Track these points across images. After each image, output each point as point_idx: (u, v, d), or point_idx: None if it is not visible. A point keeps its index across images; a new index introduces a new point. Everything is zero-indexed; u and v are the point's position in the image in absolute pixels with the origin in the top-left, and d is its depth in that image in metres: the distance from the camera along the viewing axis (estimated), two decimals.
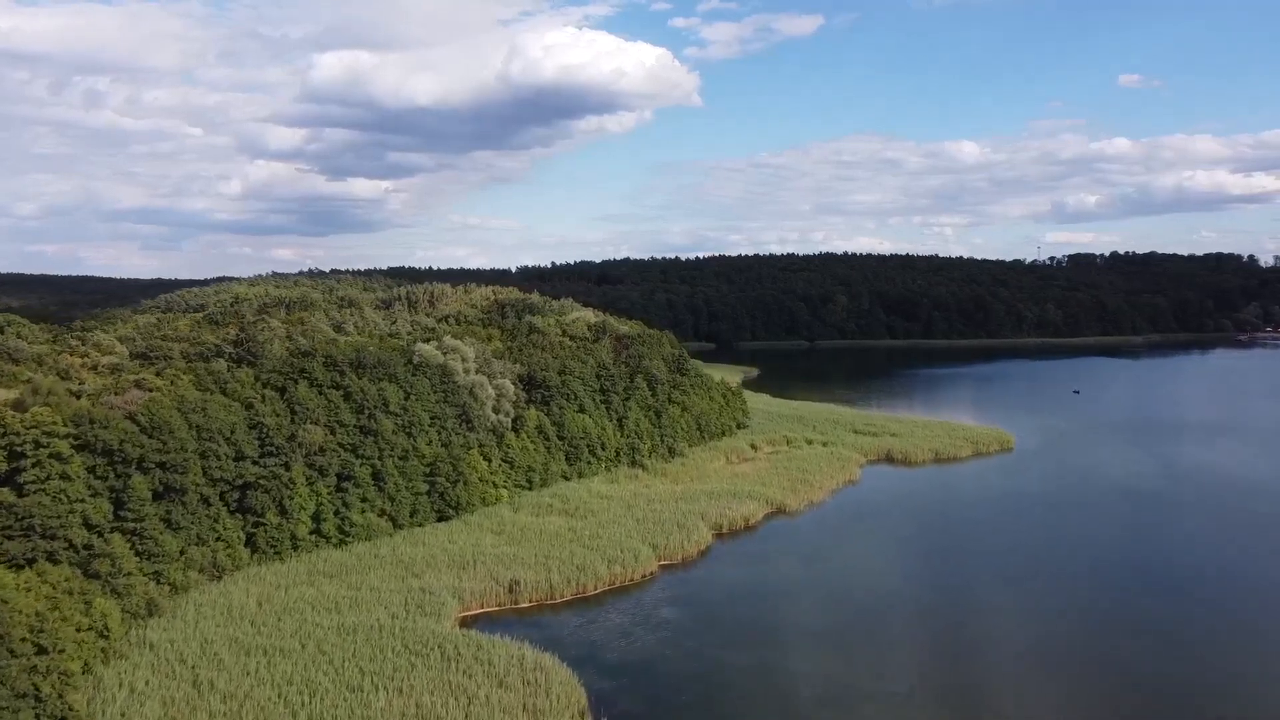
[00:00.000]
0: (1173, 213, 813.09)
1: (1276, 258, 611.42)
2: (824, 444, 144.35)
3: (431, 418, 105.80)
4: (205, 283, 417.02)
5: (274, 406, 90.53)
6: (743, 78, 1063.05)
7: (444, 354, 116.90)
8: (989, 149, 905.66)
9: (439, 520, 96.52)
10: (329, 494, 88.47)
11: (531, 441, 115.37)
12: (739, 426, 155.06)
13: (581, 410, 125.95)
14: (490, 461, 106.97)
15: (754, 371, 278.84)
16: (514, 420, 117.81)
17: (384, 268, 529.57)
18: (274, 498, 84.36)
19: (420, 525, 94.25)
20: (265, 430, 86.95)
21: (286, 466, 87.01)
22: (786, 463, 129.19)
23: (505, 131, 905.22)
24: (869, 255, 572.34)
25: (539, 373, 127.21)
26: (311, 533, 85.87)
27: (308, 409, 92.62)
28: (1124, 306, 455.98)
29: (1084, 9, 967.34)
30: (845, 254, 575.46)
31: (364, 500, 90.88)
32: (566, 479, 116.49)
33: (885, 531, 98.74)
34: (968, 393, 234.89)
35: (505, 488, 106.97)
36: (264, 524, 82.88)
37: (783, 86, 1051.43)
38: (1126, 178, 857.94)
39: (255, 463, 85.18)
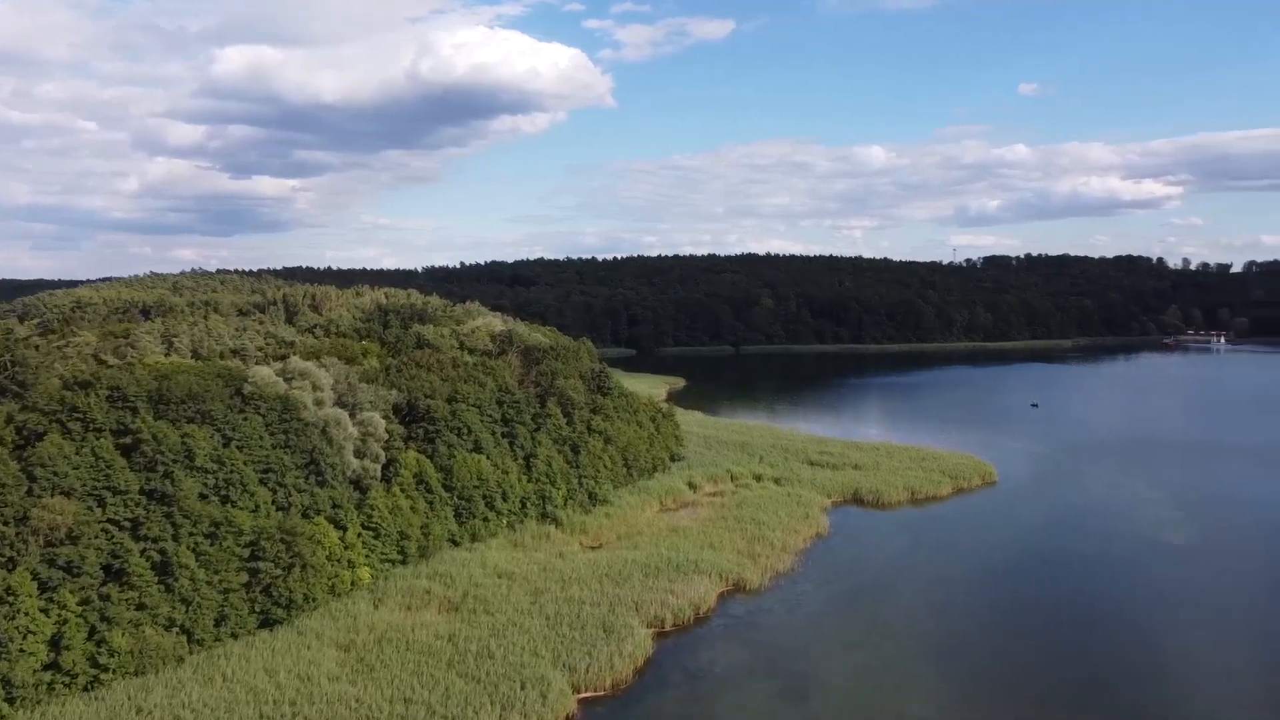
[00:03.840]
0: (1069, 217, 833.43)
1: (1185, 260, 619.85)
2: (776, 481, 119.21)
3: (263, 472, 76.73)
4: (76, 284, 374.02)
5: None
6: (656, 80, 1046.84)
7: (288, 381, 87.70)
8: (895, 154, 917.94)
9: (262, 626, 67.59)
10: (79, 605, 58.79)
11: (408, 496, 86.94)
12: (673, 459, 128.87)
13: (477, 449, 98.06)
14: (346, 530, 78.16)
15: (680, 382, 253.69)
16: (385, 467, 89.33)
17: (278, 268, 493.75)
18: None
19: (233, 637, 65.18)
20: None
21: (10, 565, 57.29)
22: (736, 510, 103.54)
23: (416, 131, 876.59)
24: (793, 256, 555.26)
25: (422, 400, 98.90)
26: (45, 669, 56.15)
27: (56, 472, 62.80)
28: (1052, 310, 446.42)
29: (987, 19, 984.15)
30: (769, 254, 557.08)
31: (139, 608, 61.41)
32: (455, 544, 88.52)
33: (884, 622, 73.29)
34: (916, 406, 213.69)
35: (367, 566, 78.39)
36: None
37: (695, 89, 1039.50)
38: (1026, 183, 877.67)
39: None
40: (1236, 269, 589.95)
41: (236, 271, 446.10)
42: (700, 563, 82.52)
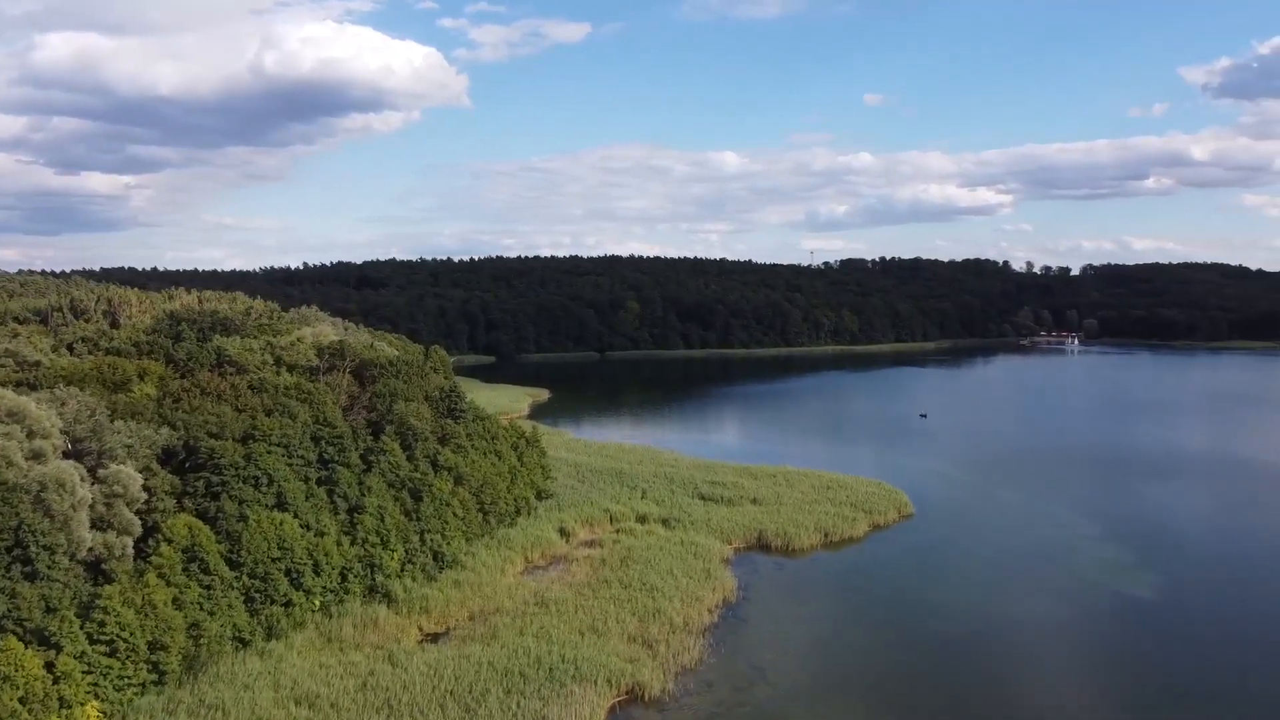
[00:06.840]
0: (911, 222, 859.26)
1: (1029, 264, 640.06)
2: (664, 522, 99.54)
3: None
4: None
5: None
6: (513, 81, 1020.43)
7: None
8: (749, 159, 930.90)
9: None
10: None
11: (171, 583, 62.07)
12: (540, 497, 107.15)
13: (281, 504, 73.86)
14: (59, 650, 52.97)
15: (544, 394, 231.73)
16: (141, 540, 64.21)
17: (96, 269, 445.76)
18: None
19: None
20: None
21: None
22: (620, 568, 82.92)
23: (262, 127, 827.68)
24: (657, 258, 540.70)
25: (205, 441, 73.82)
26: None
27: None
28: (914, 312, 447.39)
29: (833, 30, 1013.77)
30: (633, 256, 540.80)
31: None
32: (243, 644, 64.27)
33: None
34: (800, 418, 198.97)
35: (95, 701, 53.41)
36: None
37: (553, 91, 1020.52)
38: (870, 189, 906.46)
39: None
40: (1075, 272, 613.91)
41: (43, 273, 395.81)
42: (581, 661, 61.32)
